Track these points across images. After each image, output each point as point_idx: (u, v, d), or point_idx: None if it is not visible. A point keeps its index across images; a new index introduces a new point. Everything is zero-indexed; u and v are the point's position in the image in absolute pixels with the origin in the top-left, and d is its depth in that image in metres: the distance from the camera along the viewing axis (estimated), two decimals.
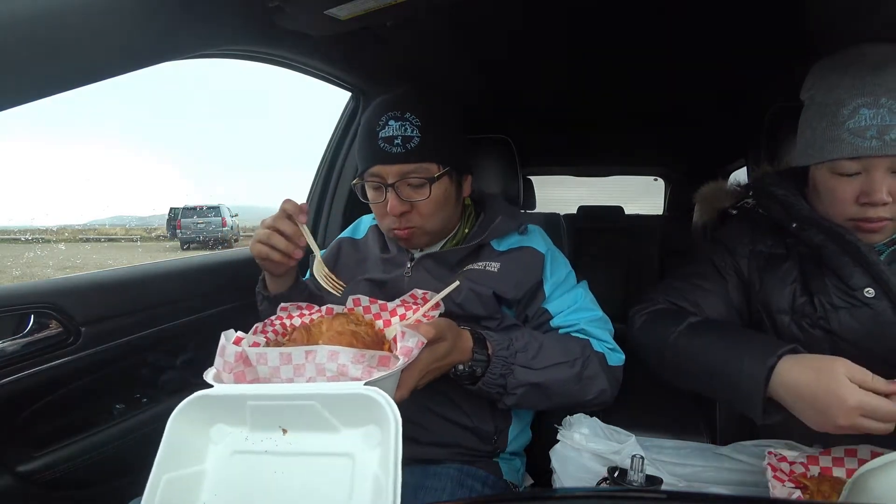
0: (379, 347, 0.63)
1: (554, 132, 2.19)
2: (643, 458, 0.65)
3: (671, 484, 0.72)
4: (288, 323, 0.73)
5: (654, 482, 0.65)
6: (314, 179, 1.57)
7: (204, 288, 1.20)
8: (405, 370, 0.61)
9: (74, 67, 0.63)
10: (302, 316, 0.75)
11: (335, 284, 0.80)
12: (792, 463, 0.66)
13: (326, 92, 1.44)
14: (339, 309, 0.74)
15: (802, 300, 0.81)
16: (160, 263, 1.19)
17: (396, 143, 0.84)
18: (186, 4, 0.73)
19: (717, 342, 0.76)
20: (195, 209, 14.49)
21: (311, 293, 0.93)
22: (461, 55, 1.33)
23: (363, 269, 0.97)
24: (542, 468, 0.86)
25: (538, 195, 2.16)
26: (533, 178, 2.39)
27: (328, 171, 1.55)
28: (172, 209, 15.12)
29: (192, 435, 0.53)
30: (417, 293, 0.73)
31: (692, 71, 1.43)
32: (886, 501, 0.49)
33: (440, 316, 0.74)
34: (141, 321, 1.04)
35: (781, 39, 1.17)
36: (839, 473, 0.64)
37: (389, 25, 1.06)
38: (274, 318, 0.73)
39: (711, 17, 1.09)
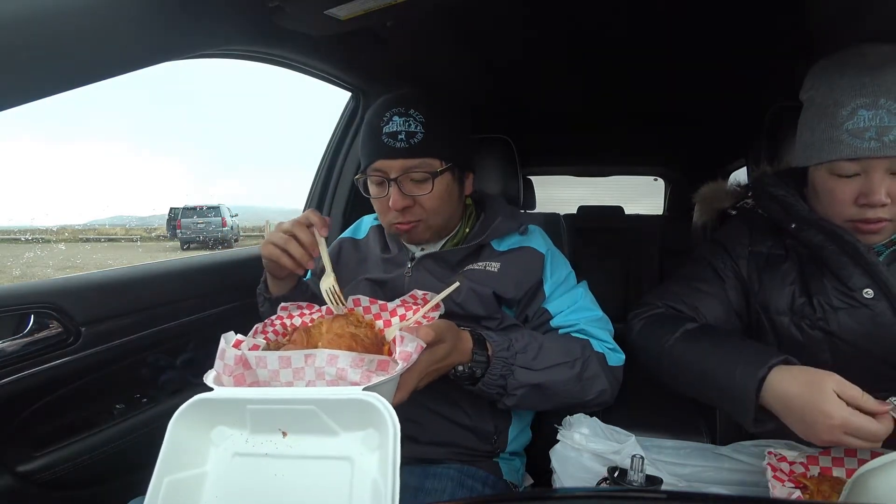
0: (379, 349, 0.63)
1: (554, 132, 2.19)
2: (643, 458, 0.65)
3: (671, 484, 0.72)
4: (288, 323, 0.73)
5: (654, 482, 0.65)
6: (314, 179, 1.57)
7: (204, 288, 1.20)
8: (404, 373, 0.61)
9: (74, 67, 0.63)
10: (302, 315, 0.74)
11: (338, 302, 0.76)
12: (792, 463, 0.66)
13: (326, 92, 1.45)
14: (340, 310, 0.73)
15: (801, 301, 0.81)
16: (160, 263, 1.18)
17: (400, 138, 0.84)
18: (186, 4, 0.73)
19: (711, 350, 0.76)
20: (195, 209, 14.48)
21: (312, 294, 0.93)
22: (461, 55, 1.33)
23: (364, 268, 0.98)
24: (542, 468, 0.86)
25: (538, 195, 2.16)
26: (533, 178, 2.39)
27: (328, 171, 1.55)
28: (172, 209, 15.12)
29: (192, 437, 0.53)
30: (418, 294, 0.73)
31: (692, 71, 1.43)
32: (886, 501, 0.49)
33: (440, 317, 0.74)
34: (141, 321, 1.04)
35: (781, 39, 1.17)
36: (839, 473, 0.64)
37: (389, 25, 1.06)
38: (274, 317, 0.73)
39: (711, 17, 1.09)
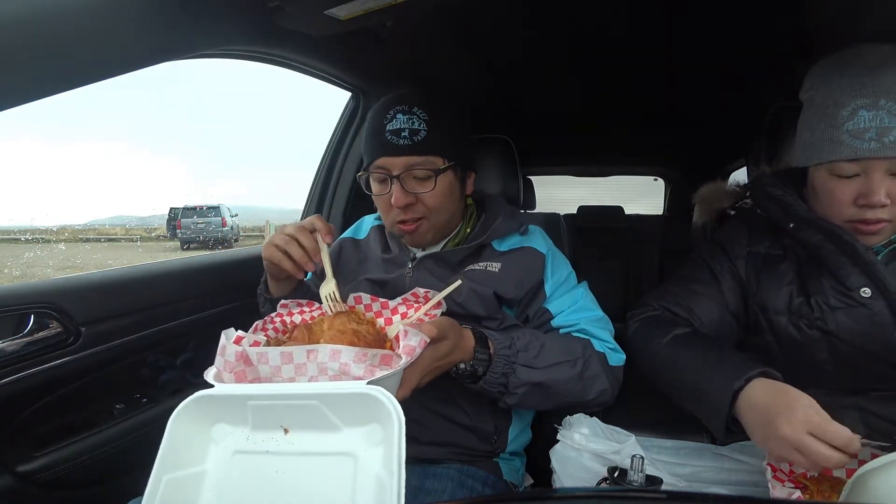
0: (380, 346, 0.63)
1: (554, 132, 2.19)
2: (643, 458, 0.65)
3: (671, 484, 0.72)
4: (288, 320, 0.73)
5: (654, 482, 0.66)
6: (314, 179, 1.57)
7: (204, 288, 1.20)
8: (407, 369, 0.61)
9: (74, 67, 0.63)
10: (302, 313, 0.74)
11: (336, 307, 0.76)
12: (792, 463, 0.66)
13: (326, 92, 1.45)
14: (340, 307, 0.73)
15: (799, 301, 0.81)
16: (160, 263, 1.18)
17: (403, 135, 0.85)
18: (186, 4, 0.73)
19: (694, 357, 0.76)
20: (195, 209, 14.48)
21: (313, 295, 0.93)
22: (461, 55, 1.33)
23: (364, 269, 0.98)
24: (542, 468, 0.86)
25: (538, 195, 2.16)
26: (533, 178, 2.39)
27: (328, 171, 1.55)
28: (172, 209, 15.12)
29: (192, 435, 0.53)
30: (419, 292, 0.73)
31: (692, 71, 1.43)
32: (886, 501, 0.49)
33: (442, 315, 0.74)
34: (141, 321, 1.04)
35: (781, 39, 1.17)
36: (839, 473, 0.64)
37: (389, 25, 1.06)
38: (274, 315, 0.73)
39: (711, 17, 1.09)
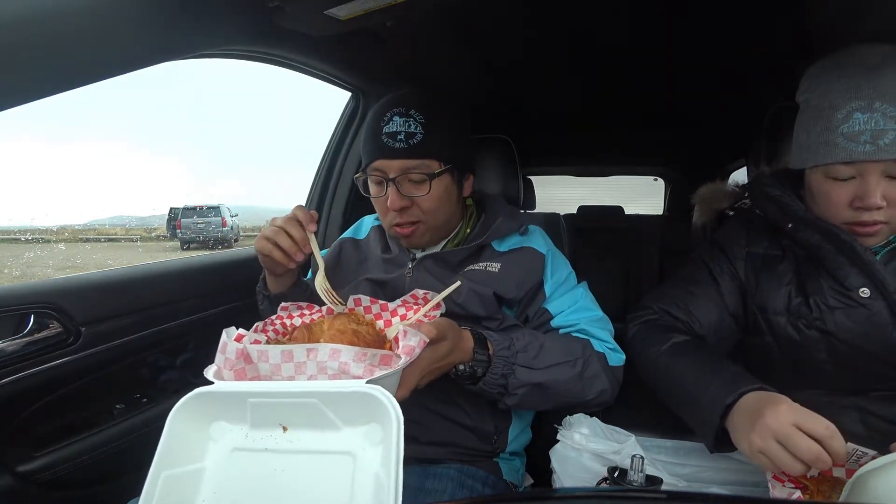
0: (380, 347, 0.63)
1: (554, 132, 2.19)
2: (643, 458, 0.65)
3: (671, 484, 0.72)
4: (288, 323, 0.73)
5: (654, 482, 0.66)
6: (314, 179, 1.57)
7: (204, 288, 1.20)
8: (406, 369, 0.61)
9: (74, 67, 0.63)
10: (302, 316, 0.74)
11: (334, 299, 0.78)
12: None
13: (326, 92, 1.45)
14: (339, 309, 0.73)
15: (798, 301, 0.81)
16: (160, 263, 1.18)
17: (399, 138, 0.85)
18: (186, 4, 0.73)
19: (690, 368, 0.76)
20: (195, 209, 14.49)
21: (312, 293, 0.93)
22: (461, 55, 1.33)
23: (364, 269, 0.97)
24: (542, 468, 0.86)
25: (538, 195, 2.16)
26: (533, 178, 2.40)
27: (328, 171, 1.55)
28: (172, 209, 15.12)
29: (191, 432, 0.53)
30: (418, 293, 0.73)
31: (692, 71, 1.43)
32: (886, 501, 0.49)
33: (441, 316, 0.74)
34: (141, 321, 1.04)
35: (781, 39, 1.17)
36: (839, 473, 0.64)
37: (389, 25, 1.06)
38: (274, 317, 0.73)
39: (711, 17, 1.09)
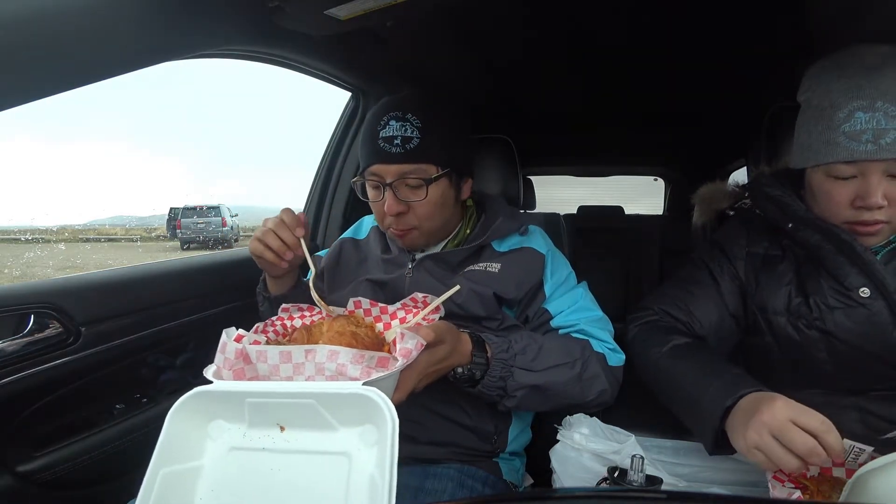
0: (378, 349, 0.63)
1: (554, 132, 2.19)
2: (643, 458, 0.65)
3: (671, 484, 0.72)
4: (289, 324, 0.73)
5: (654, 482, 0.66)
6: (314, 179, 1.57)
7: (204, 288, 1.20)
8: (403, 372, 0.61)
9: (74, 67, 0.63)
10: (303, 317, 0.75)
11: (320, 302, 0.75)
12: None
13: (326, 92, 1.45)
14: (339, 311, 0.74)
15: (798, 301, 0.81)
16: (160, 263, 1.18)
17: (396, 143, 0.84)
18: (186, 4, 0.73)
19: (690, 370, 0.76)
20: (195, 209, 14.48)
21: None
22: (461, 55, 1.33)
23: (364, 269, 0.97)
24: (542, 468, 0.86)
25: (538, 195, 2.16)
26: (533, 178, 2.39)
27: (328, 171, 1.55)
28: (172, 209, 15.11)
29: (190, 430, 0.53)
30: (418, 297, 0.73)
31: (692, 71, 1.43)
32: (886, 501, 0.49)
33: (441, 318, 0.74)
34: (141, 321, 1.04)
35: (781, 39, 1.17)
36: (839, 473, 0.64)
37: (389, 25, 1.06)
38: (275, 318, 0.73)
39: (711, 17, 1.09)
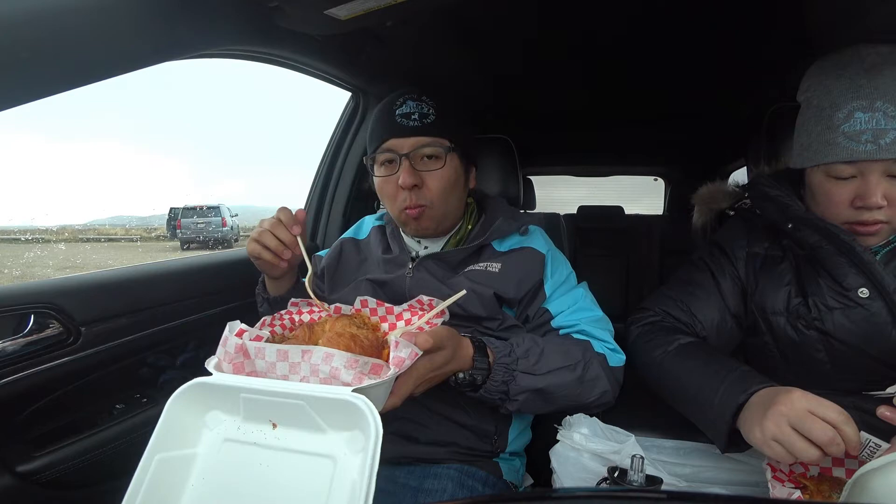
0: (378, 352, 0.63)
1: (554, 132, 2.19)
2: (643, 458, 0.65)
3: (671, 484, 0.72)
4: (297, 318, 0.74)
5: (654, 482, 0.66)
6: (314, 179, 1.57)
7: (204, 288, 1.19)
8: (400, 378, 0.61)
9: (74, 67, 0.63)
10: (311, 313, 0.75)
11: (314, 300, 0.76)
12: (792, 463, 0.66)
13: (326, 92, 1.45)
14: (346, 309, 0.74)
15: (797, 301, 0.81)
16: (160, 263, 1.18)
17: (413, 117, 0.89)
18: (186, 4, 0.73)
19: (698, 369, 0.77)
20: (195, 209, 14.47)
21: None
22: (461, 55, 1.33)
23: (365, 269, 0.97)
24: (542, 468, 0.86)
25: (538, 195, 2.16)
26: (533, 178, 2.40)
27: (328, 171, 1.55)
28: (172, 209, 15.10)
29: (188, 418, 0.55)
30: (424, 299, 0.73)
31: (692, 71, 1.43)
32: (886, 501, 0.48)
33: (444, 323, 0.73)
34: (141, 321, 1.03)
35: (781, 39, 1.17)
36: (839, 473, 0.64)
37: (389, 25, 1.06)
38: (283, 312, 0.74)
39: (711, 16, 1.09)
